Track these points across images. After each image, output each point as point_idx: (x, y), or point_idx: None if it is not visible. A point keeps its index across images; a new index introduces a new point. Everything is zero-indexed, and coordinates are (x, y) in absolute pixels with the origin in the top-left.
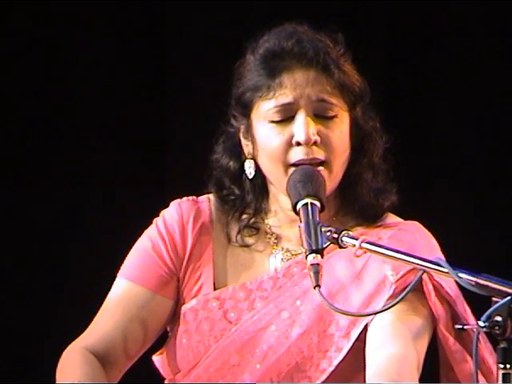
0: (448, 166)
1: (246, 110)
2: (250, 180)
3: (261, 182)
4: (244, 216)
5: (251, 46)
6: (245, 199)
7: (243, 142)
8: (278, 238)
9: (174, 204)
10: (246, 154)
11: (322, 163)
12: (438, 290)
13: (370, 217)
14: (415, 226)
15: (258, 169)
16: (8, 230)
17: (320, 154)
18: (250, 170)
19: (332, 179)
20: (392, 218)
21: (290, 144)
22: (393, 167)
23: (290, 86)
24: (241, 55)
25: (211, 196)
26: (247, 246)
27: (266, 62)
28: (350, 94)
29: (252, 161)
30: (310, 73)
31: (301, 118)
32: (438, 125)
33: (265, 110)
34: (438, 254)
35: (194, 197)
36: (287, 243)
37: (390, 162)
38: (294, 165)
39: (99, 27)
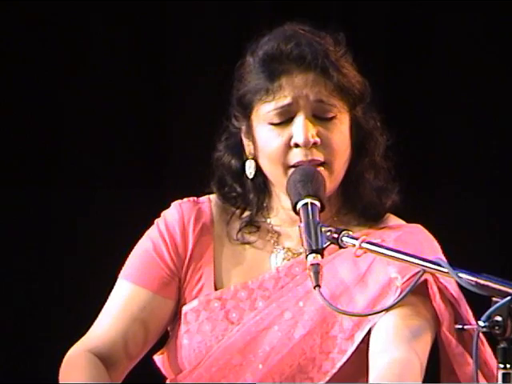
0: (448, 167)
1: (247, 111)
2: (251, 179)
3: (262, 181)
4: (245, 214)
5: (251, 48)
6: (246, 197)
7: (245, 141)
8: (278, 236)
9: (174, 205)
10: (248, 154)
11: (321, 164)
12: (443, 291)
13: (372, 216)
14: (418, 229)
15: (259, 168)
16: (8, 231)
17: (319, 156)
18: (250, 170)
19: (333, 180)
20: (394, 220)
21: (289, 146)
22: (394, 166)
23: (289, 89)
24: (241, 56)
25: (212, 196)
26: (248, 243)
27: (265, 64)
28: (350, 95)
29: (253, 161)
30: (308, 76)
31: (300, 119)
32: (438, 125)
33: (264, 112)
34: (441, 257)
35: (195, 197)
36: (288, 242)
37: (392, 161)
38: (293, 166)
39: (99, 28)
